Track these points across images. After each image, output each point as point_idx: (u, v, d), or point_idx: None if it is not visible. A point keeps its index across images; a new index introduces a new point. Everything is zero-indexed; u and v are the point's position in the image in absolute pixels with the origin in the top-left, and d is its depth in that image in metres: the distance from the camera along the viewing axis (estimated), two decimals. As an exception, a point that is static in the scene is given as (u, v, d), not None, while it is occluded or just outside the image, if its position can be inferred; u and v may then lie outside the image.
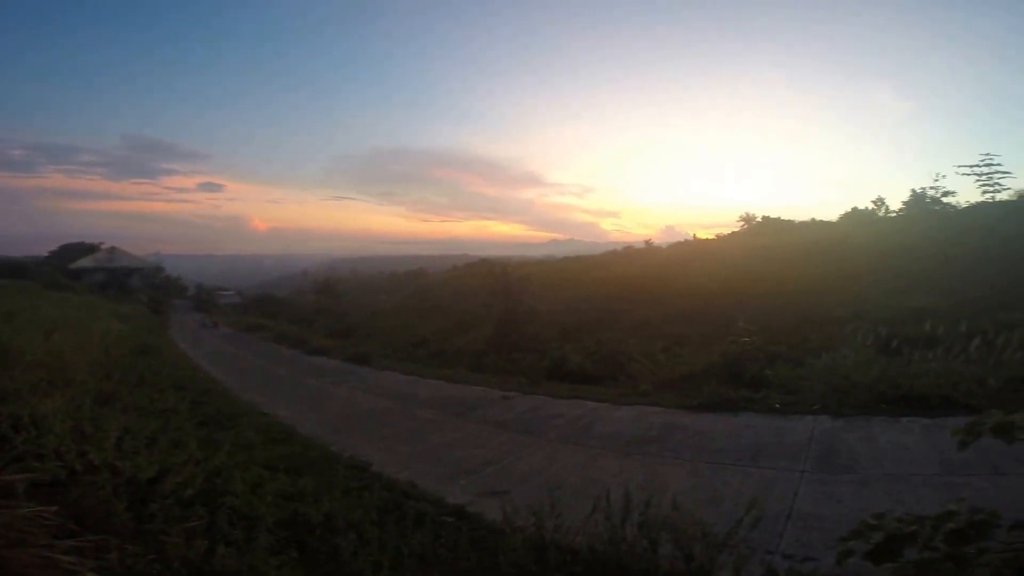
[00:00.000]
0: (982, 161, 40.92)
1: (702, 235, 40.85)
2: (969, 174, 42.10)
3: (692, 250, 31.18)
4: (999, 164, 40.72)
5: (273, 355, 20.27)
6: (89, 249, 68.70)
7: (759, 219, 42.24)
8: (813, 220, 36.72)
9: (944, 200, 40.04)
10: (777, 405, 7.83)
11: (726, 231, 42.76)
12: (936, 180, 42.68)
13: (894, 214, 37.80)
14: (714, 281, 19.90)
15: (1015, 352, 8.00)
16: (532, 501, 3.85)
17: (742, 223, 44.71)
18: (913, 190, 41.25)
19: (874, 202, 41.54)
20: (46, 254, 68.34)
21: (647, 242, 39.73)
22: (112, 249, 68.72)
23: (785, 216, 39.51)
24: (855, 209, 39.13)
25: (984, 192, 40.50)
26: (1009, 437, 1.91)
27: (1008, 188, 38.81)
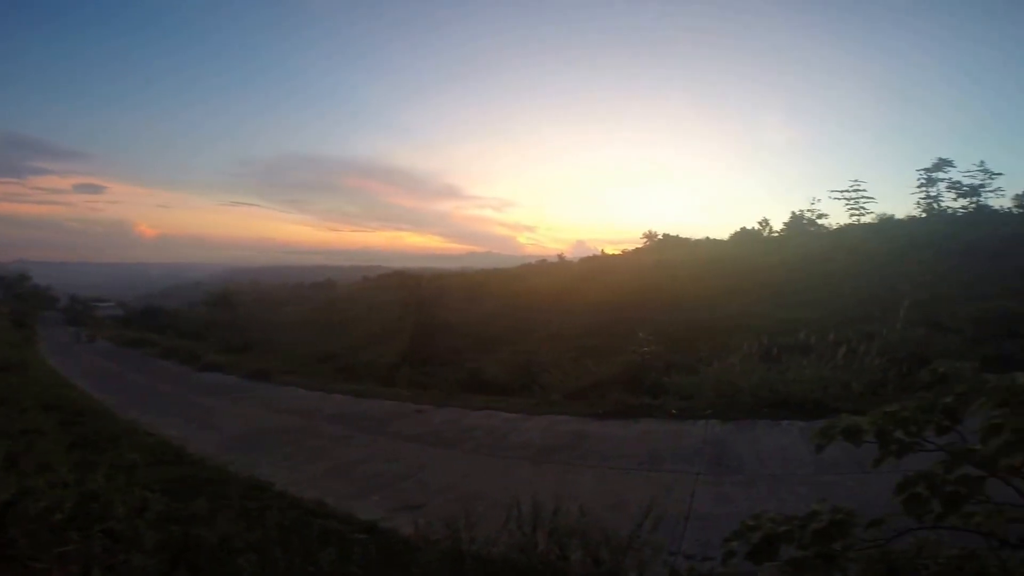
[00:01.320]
0: (851, 187, 46.91)
1: (610, 250, 43.02)
2: (840, 198, 48.02)
3: (601, 264, 32.64)
4: (864, 190, 46.94)
5: (160, 372, 18.57)
6: (-64, 255, 59.16)
7: (661, 236, 45.27)
8: (707, 238, 39.99)
9: (819, 222, 45.26)
10: (674, 411, 8.39)
11: (632, 247, 45.33)
12: (812, 203, 48.10)
13: (776, 234, 42.11)
14: (620, 294, 20.98)
15: (874, 359, 9.20)
16: (449, 514, 3.87)
17: (646, 239, 47.64)
18: (793, 212, 46.21)
19: (760, 223, 46.07)
20: None
21: (560, 256, 41.20)
22: (-36, 255, 59.59)
23: (684, 234, 42.78)
24: (744, 229, 43.12)
25: (851, 215, 46.33)
26: (856, 440, 2.08)
27: (871, 212, 44.81)
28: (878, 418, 2.06)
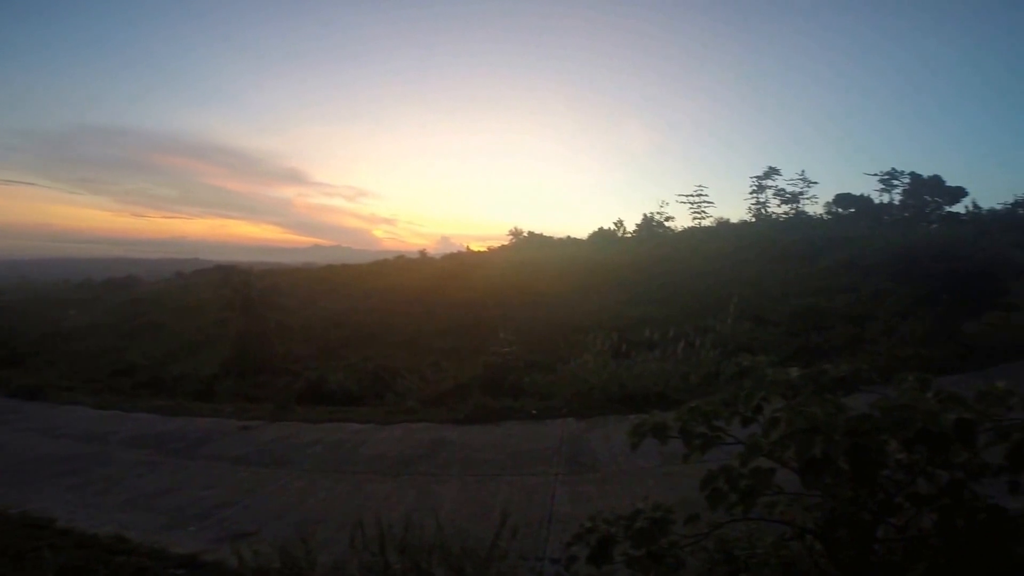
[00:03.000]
0: (695, 192, 52.82)
1: (475, 247, 43.51)
2: (685, 202, 53.89)
3: (466, 261, 32.77)
4: (706, 195, 53.12)
5: None
6: None
7: (526, 234, 46.95)
8: (568, 237, 42.32)
9: (666, 224, 50.26)
10: (534, 412, 8.70)
11: (498, 243, 46.38)
12: (661, 207, 53.49)
13: (630, 235, 45.94)
14: (485, 292, 21.22)
15: (709, 351, 10.34)
16: (287, 540, 3.65)
17: (511, 237, 49.09)
18: (644, 214, 50.80)
19: (615, 224, 49.93)
20: None
21: (422, 252, 40.51)
22: None
23: (548, 232, 44.84)
24: (601, 229, 46.36)
25: (694, 218, 52.18)
26: (662, 436, 2.24)
27: (711, 216, 50.89)
28: (683, 414, 2.19)
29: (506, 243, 46.46)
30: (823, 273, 21.15)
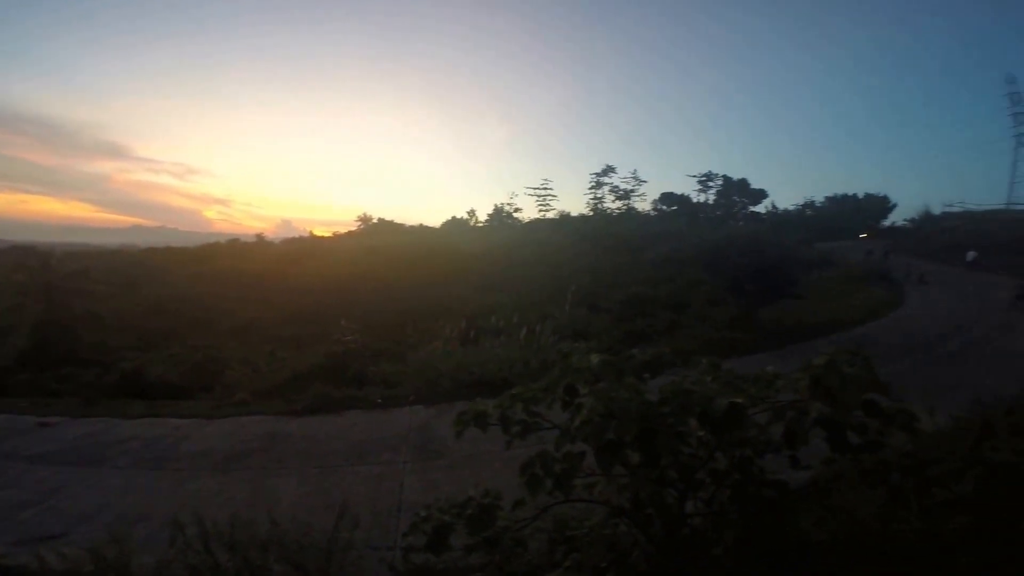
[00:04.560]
0: (541, 185, 55.47)
1: (320, 232, 41.37)
2: (532, 195, 56.46)
3: (309, 247, 31.07)
4: (551, 189, 56.05)
5: None
6: None
7: (375, 220, 45.71)
8: (421, 225, 42.13)
9: (515, 215, 52.30)
10: (379, 400, 8.58)
11: (345, 230, 44.59)
12: (511, 198, 55.48)
13: (481, 224, 47.04)
14: (329, 279, 20.32)
15: (548, 337, 11.03)
16: (100, 541, 3.32)
17: (360, 223, 47.44)
18: (496, 205, 52.31)
19: (468, 213, 50.76)
20: None
21: (259, 236, 37.44)
22: None
23: (399, 219, 44.24)
24: (454, 218, 46.89)
25: (540, 210, 54.93)
26: (483, 424, 2.32)
27: (555, 209, 53.91)
28: (504, 401, 2.29)
29: (354, 229, 44.96)
30: (649, 264, 23.60)
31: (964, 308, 16.30)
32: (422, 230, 39.81)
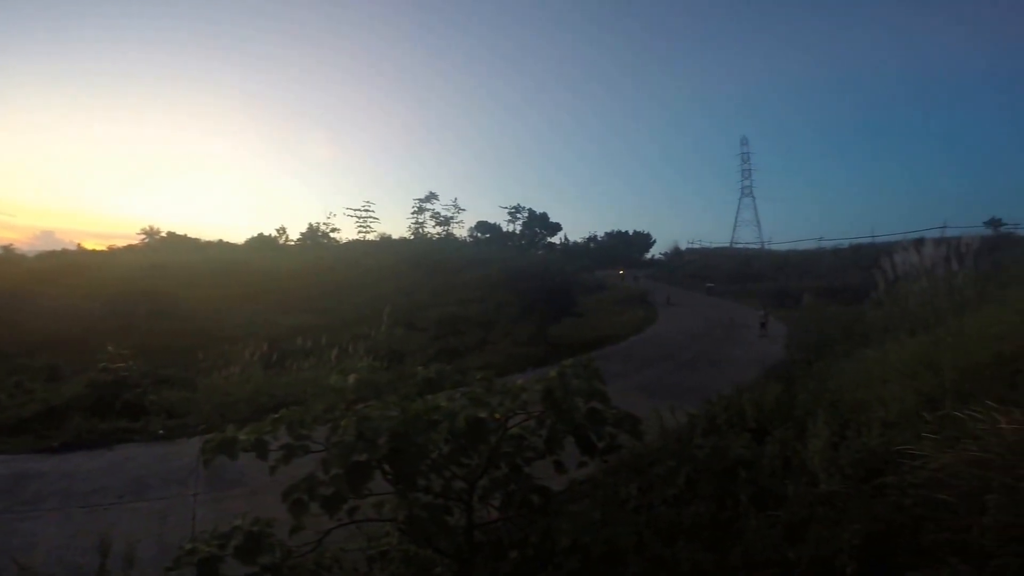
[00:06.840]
0: (363, 207, 54.18)
1: (93, 245, 35.15)
2: (353, 216, 54.84)
3: (74, 261, 26.08)
4: (373, 211, 55.16)
5: None
6: None
7: (164, 234, 40.11)
8: (221, 241, 38.16)
9: (332, 235, 50.16)
10: (161, 431, 7.68)
11: (126, 243, 38.57)
12: (329, 217, 53.10)
13: (292, 243, 44.16)
14: (99, 301, 17.40)
15: (362, 357, 10.84)
16: None
17: (144, 236, 41.26)
18: (310, 224, 49.62)
19: (277, 230, 47.26)
20: None
21: (6, 248, 30.57)
22: None
23: (195, 234, 39.46)
24: (261, 235, 43.20)
25: (360, 232, 53.50)
26: (232, 453, 2.22)
27: (375, 231, 53.08)
28: (265, 426, 2.22)
29: (137, 243, 39.06)
30: (462, 286, 24.51)
31: (701, 325, 19.97)
32: (221, 246, 36.07)
